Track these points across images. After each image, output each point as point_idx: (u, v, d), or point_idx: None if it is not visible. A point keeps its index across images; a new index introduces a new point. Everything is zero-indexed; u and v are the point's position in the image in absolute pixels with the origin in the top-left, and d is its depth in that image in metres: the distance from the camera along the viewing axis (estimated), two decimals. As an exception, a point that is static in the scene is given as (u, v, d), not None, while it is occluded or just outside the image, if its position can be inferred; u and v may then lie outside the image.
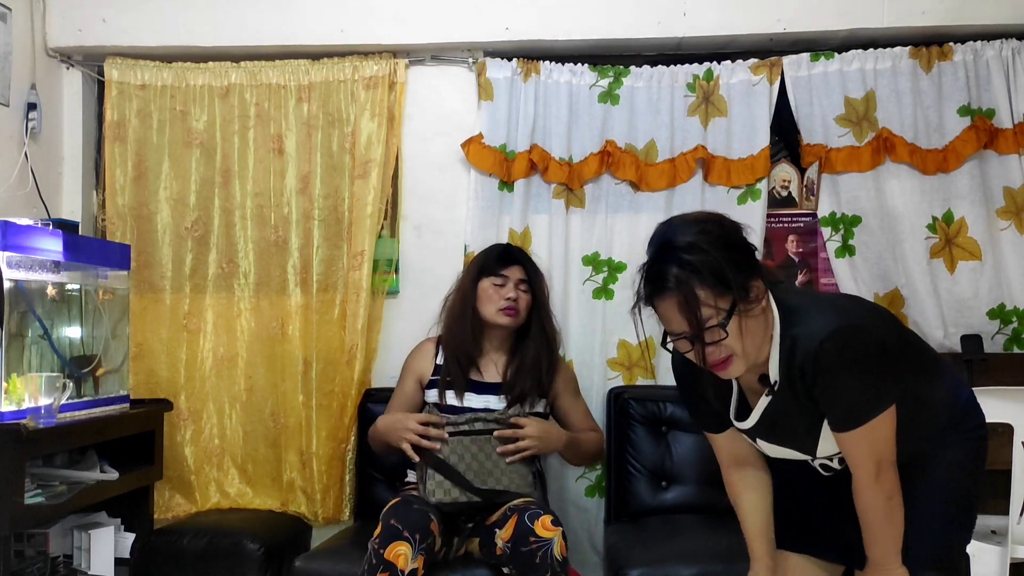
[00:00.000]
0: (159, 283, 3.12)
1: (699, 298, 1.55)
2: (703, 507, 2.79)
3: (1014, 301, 2.94)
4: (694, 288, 1.54)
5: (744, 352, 1.59)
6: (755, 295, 1.60)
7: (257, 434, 3.09)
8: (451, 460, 2.38)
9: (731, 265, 1.56)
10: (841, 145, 3.00)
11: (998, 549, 2.33)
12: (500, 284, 2.58)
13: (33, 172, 3.00)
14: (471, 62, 3.12)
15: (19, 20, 2.98)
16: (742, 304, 1.57)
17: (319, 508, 3.02)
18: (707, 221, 1.63)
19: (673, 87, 3.06)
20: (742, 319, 1.57)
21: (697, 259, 1.54)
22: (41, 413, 2.26)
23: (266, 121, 3.12)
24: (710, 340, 1.57)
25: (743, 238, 1.64)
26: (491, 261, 2.61)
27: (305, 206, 3.10)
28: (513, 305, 2.55)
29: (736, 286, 1.56)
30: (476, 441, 2.41)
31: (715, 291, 1.55)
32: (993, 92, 2.94)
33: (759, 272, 1.63)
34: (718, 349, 1.58)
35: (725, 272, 1.54)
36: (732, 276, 1.55)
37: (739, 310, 1.56)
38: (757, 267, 1.64)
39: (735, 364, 1.60)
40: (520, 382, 2.55)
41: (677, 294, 1.55)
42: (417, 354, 2.70)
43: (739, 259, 1.59)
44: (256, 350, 3.10)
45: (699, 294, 1.54)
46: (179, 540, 2.67)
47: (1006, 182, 2.95)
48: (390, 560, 2.13)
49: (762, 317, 1.62)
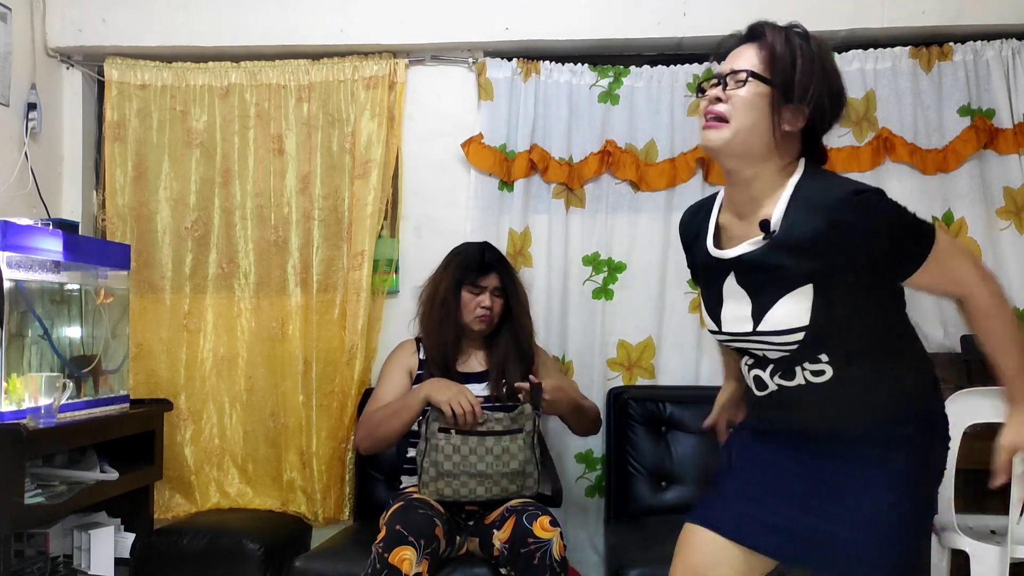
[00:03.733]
0: (159, 283, 3.12)
1: (767, 56, 1.55)
2: (703, 507, 2.79)
3: (1014, 301, 2.94)
4: (775, 49, 1.55)
5: (737, 129, 1.53)
6: (788, 116, 1.54)
7: (257, 434, 3.09)
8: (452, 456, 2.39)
9: (805, 78, 1.54)
10: (841, 145, 3.00)
11: (998, 549, 2.33)
12: (476, 292, 2.60)
13: (33, 172, 3.00)
14: (471, 62, 3.12)
15: (19, 20, 2.98)
16: (778, 104, 1.53)
17: (319, 508, 3.02)
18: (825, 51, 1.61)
19: (673, 87, 3.06)
20: (766, 109, 1.53)
21: (798, 46, 1.56)
22: (41, 413, 2.26)
23: (266, 121, 3.13)
24: (734, 81, 1.54)
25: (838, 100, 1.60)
26: (470, 271, 2.62)
27: (305, 206, 3.10)
28: (487, 313, 2.60)
29: (790, 88, 1.53)
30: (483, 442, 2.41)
31: (777, 71, 1.54)
32: (993, 92, 2.94)
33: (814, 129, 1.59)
34: (730, 103, 1.54)
35: (797, 75, 1.53)
36: (798, 80, 1.53)
37: (773, 99, 1.53)
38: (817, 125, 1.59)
39: (723, 130, 1.54)
40: (503, 367, 2.58)
41: (762, 45, 1.57)
42: (400, 351, 2.70)
43: (814, 87, 1.55)
44: (256, 350, 3.10)
45: (771, 54, 1.54)
46: (179, 540, 2.67)
47: (1006, 182, 2.95)
48: (395, 565, 2.12)
49: (774, 155, 1.56)
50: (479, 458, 2.39)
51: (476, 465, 2.39)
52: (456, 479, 2.38)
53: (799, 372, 1.60)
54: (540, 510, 2.29)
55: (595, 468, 3.03)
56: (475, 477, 2.38)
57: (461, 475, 2.38)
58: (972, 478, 2.59)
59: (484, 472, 2.38)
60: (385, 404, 2.55)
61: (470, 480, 2.38)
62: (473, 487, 2.39)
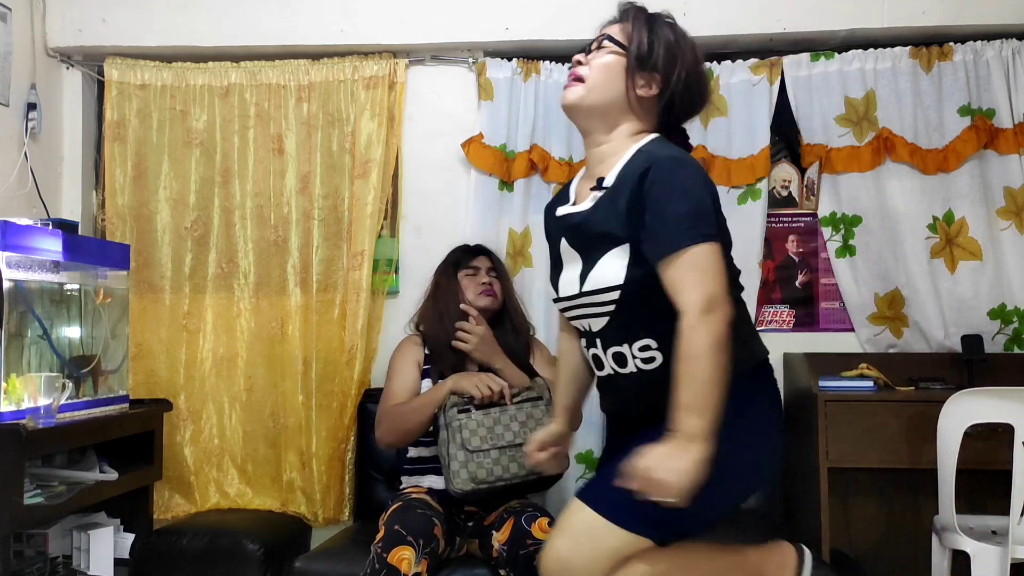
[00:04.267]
0: (159, 283, 3.12)
1: (627, 31, 1.66)
2: (703, 507, 2.79)
3: (1015, 301, 2.94)
4: (633, 23, 1.66)
5: (591, 87, 1.65)
6: (640, 83, 1.64)
7: (257, 434, 3.09)
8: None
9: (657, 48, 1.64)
10: (841, 145, 3.00)
11: (998, 549, 2.33)
12: (472, 273, 2.63)
13: (33, 172, 3.00)
14: (471, 62, 3.12)
15: (19, 20, 2.98)
16: (632, 69, 1.64)
17: (319, 508, 3.02)
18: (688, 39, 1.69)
19: (673, 87, 3.05)
20: (620, 72, 1.64)
21: (657, 25, 1.67)
22: (40, 413, 2.26)
23: (266, 121, 3.12)
24: (596, 48, 1.67)
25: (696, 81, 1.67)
26: (460, 255, 2.67)
27: (305, 206, 3.10)
28: (489, 288, 2.61)
29: (643, 55, 1.64)
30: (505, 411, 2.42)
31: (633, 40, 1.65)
32: (993, 92, 2.94)
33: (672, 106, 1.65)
34: (588, 66, 1.67)
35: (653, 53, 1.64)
36: (650, 49, 1.64)
37: (627, 64, 1.64)
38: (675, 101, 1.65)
39: (579, 87, 1.67)
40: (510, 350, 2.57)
41: (625, 21, 1.69)
42: (406, 345, 2.68)
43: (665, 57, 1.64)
44: (256, 350, 3.10)
45: (631, 27, 1.66)
46: (179, 540, 2.67)
47: (1006, 182, 2.95)
48: (393, 565, 2.12)
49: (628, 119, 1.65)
50: (505, 427, 2.38)
51: (504, 436, 2.37)
52: (487, 456, 2.35)
53: (630, 358, 1.61)
54: (539, 511, 2.29)
55: (595, 469, 3.02)
56: (506, 451, 2.35)
57: (491, 450, 2.35)
58: (972, 478, 2.60)
59: (513, 442, 2.35)
60: (407, 399, 2.52)
61: (501, 456, 2.35)
62: (506, 463, 2.35)
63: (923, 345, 2.98)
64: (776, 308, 3.12)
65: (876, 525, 2.99)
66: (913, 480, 2.87)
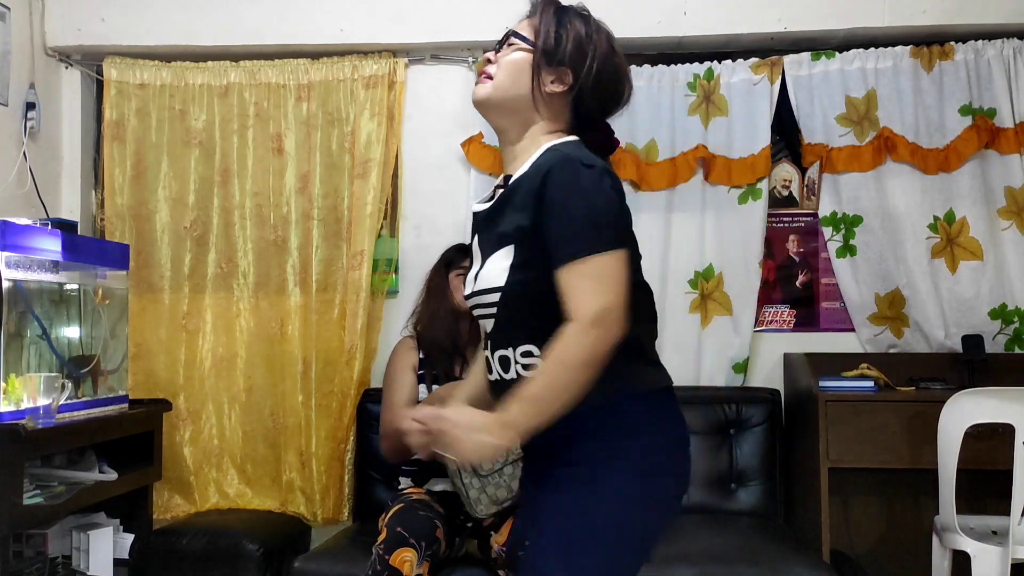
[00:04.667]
0: (158, 283, 3.11)
1: (535, 25, 1.63)
2: (703, 508, 2.79)
3: (1015, 301, 2.94)
4: (539, 22, 1.63)
5: (498, 84, 1.59)
6: (549, 79, 1.58)
7: (256, 434, 3.09)
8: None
9: (564, 43, 1.59)
10: (842, 144, 3.00)
11: (999, 550, 2.33)
12: (463, 273, 2.61)
13: (32, 172, 2.99)
14: (471, 61, 3.11)
15: (18, 19, 2.97)
16: (538, 65, 1.58)
17: (318, 508, 3.01)
18: (603, 31, 1.67)
19: (674, 86, 3.05)
20: (528, 69, 1.58)
21: (567, 19, 1.62)
22: (40, 413, 2.25)
23: (265, 120, 3.12)
24: (506, 44, 1.64)
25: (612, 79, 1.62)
26: (453, 255, 2.66)
27: (304, 206, 3.09)
28: None
29: (550, 51, 1.59)
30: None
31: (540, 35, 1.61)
32: (994, 91, 2.93)
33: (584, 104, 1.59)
34: (497, 64, 1.62)
35: (560, 47, 1.59)
36: (556, 45, 1.59)
37: (534, 60, 1.59)
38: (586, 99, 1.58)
39: (487, 85, 1.61)
40: None
41: (534, 17, 1.66)
42: (401, 350, 2.67)
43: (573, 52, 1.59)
44: (255, 350, 3.09)
45: (537, 27, 1.62)
46: (178, 541, 2.66)
47: (1007, 182, 2.95)
48: (395, 566, 2.12)
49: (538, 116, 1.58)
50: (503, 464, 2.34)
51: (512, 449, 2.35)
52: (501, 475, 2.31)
53: (513, 363, 1.51)
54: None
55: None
56: (518, 464, 2.31)
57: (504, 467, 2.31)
58: (972, 478, 2.60)
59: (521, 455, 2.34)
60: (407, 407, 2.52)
61: (516, 469, 2.31)
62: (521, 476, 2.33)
63: (924, 345, 2.98)
64: (777, 308, 3.12)
65: (876, 525, 2.99)
66: (913, 480, 2.87)
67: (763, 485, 2.85)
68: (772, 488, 2.85)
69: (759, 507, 2.82)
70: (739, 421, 2.90)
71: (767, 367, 3.09)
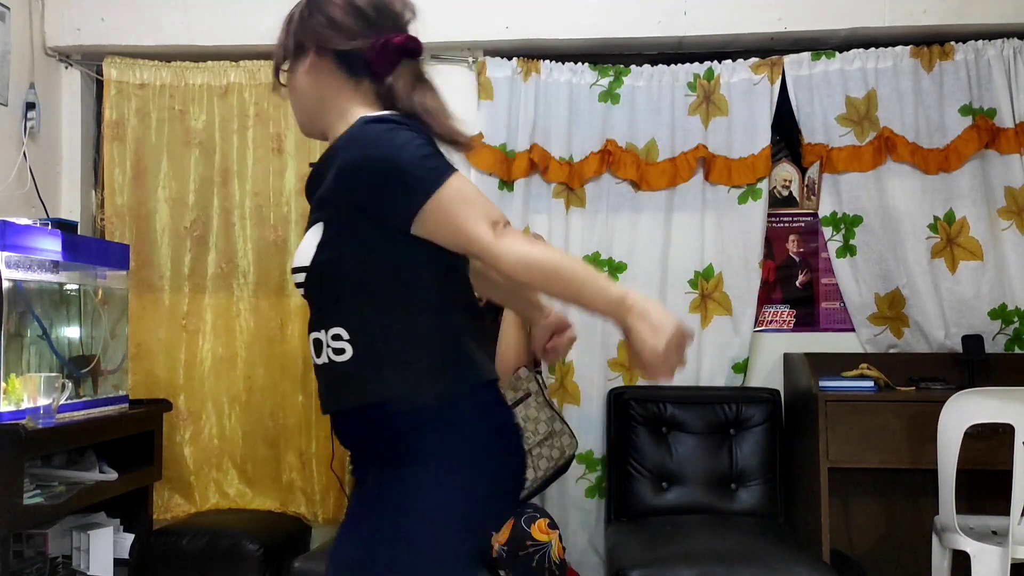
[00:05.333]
0: (158, 283, 3.11)
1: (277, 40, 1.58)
2: (703, 508, 2.79)
3: (1015, 301, 2.94)
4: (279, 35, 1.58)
5: (296, 111, 1.57)
6: (305, 68, 1.53)
7: (256, 434, 3.09)
8: None
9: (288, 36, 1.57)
10: (842, 144, 3.00)
11: (999, 549, 2.33)
12: None
13: (32, 172, 2.99)
14: (471, 61, 3.11)
15: (18, 19, 2.97)
16: (283, 66, 1.56)
17: (318, 508, 3.02)
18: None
19: (674, 86, 3.05)
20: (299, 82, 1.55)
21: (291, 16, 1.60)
22: (40, 413, 2.25)
23: (265, 120, 3.12)
24: (283, 82, 1.59)
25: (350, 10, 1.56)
26: None
27: (304, 206, 3.08)
28: None
29: (288, 50, 1.57)
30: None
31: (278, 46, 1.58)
32: (994, 91, 2.93)
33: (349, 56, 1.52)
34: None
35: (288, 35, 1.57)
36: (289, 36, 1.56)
37: (277, 68, 1.57)
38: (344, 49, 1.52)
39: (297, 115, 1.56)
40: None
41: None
42: None
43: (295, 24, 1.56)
44: (255, 350, 3.09)
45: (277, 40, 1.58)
46: (178, 541, 2.67)
47: (1007, 182, 2.95)
48: None
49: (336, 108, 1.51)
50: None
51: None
52: None
53: (324, 346, 1.42)
54: (538, 512, 2.29)
55: (595, 469, 3.02)
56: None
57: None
58: (972, 478, 2.60)
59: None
60: None
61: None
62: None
63: (924, 345, 2.98)
64: (777, 308, 3.12)
65: (876, 525, 2.99)
66: (913, 480, 2.87)
67: (763, 485, 2.85)
68: (772, 488, 2.85)
69: (759, 507, 2.82)
70: (739, 421, 2.90)
71: (767, 367, 3.09)
